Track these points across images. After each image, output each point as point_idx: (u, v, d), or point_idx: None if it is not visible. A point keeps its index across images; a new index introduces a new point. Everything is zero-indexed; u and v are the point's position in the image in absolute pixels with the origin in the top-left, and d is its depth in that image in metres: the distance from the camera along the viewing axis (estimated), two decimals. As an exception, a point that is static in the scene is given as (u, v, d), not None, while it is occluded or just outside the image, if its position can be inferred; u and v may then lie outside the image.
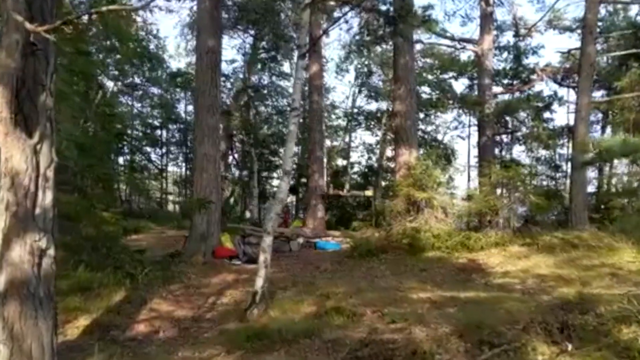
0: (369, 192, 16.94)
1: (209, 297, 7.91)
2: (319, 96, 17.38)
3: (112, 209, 12.82)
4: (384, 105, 23.58)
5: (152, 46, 25.29)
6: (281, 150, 26.74)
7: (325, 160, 18.93)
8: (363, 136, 25.17)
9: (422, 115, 21.90)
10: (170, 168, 30.34)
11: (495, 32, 18.76)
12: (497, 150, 19.17)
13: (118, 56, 23.01)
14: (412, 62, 13.20)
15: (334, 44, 25.65)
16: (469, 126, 22.40)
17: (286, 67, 27.50)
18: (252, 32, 22.14)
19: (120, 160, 28.35)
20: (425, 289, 7.14)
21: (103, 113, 21.63)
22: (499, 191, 11.57)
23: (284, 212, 16.67)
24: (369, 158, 24.39)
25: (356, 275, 8.95)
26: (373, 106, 23.95)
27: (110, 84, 24.82)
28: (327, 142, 27.96)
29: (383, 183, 21.20)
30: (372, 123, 24.00)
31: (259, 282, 6.54)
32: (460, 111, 20.72)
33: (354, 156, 24.79)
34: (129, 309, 7.20)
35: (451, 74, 21.18)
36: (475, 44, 18.37)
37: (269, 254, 6.65)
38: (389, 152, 22.75)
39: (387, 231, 11.38)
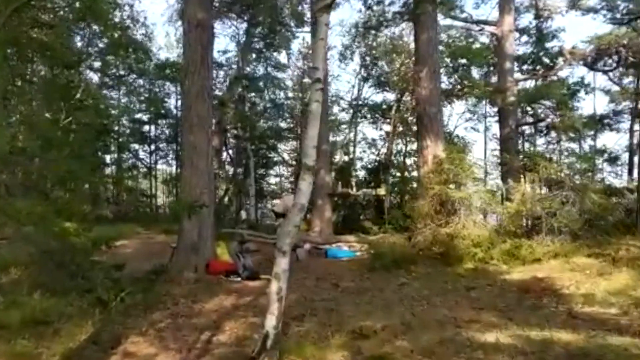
0: (381, 191, 15.15)
1: (203, 331, 6.05)
2: (323, 84, 15.47)
3: (86, 215, 10.95)
4: (389, 96, 21.76)
5: (138, 35, 23.35)
6: (280, 145, 24.92)
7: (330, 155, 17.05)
8: (365, 130, 23.22)
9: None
10: (160, 166, 28.44)
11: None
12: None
13: (101, 45, 21.12)
14: (435, 39, 11.38)
15: (335, 29, 23.59)
16: (485, 117, 20.59)
17: (283, 58, 25.70)
18: (246, 18, 20.18)
19: (107, 158, 26.80)
20: (491, 322, 5.33)
21: (85, 106, 19.79)
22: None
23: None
24: (374, 153, 22.53)
25: (388, 296, 7.12)
26: (379, 97, 22.05)
27: (94, 77, 22.93)
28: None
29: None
30: (377, 115, 22.09)
31: (271, 322, 4.68)
32: (476, 100, 18.86)
33: (356, 152, 22.95)
34: (94, 354, 5.36)
35: (464, 60, 19.39)
36: (494, 25, 16.62)
37: (285, 282, 4.80)
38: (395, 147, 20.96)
39: (414, 237, 9.56)
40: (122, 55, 21.72)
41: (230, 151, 24.35)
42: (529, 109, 16.52)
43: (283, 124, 24.99)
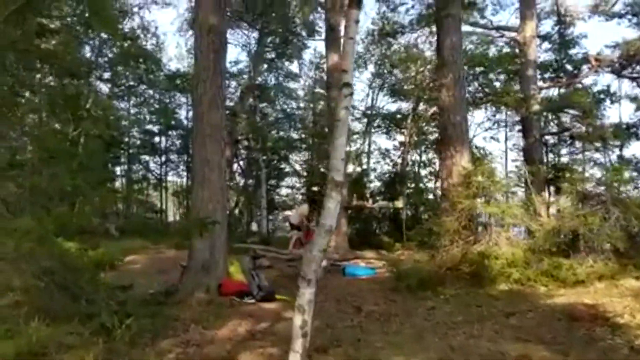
0: (398, 203, 14.52)
1: (216, 364, 5.48)
2: (338, 92, 14.89)
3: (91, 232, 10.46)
4: (404, 105, 21.19)
5: (149, 46, 23.05)
6: (292, 156, 24.37)
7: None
8: (379, 140, 22.58)
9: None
10: (170, 178, 28.06)
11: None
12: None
13: (110, 55, 20.81)
14: (459, 44, 10.79)
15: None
16: (506, 126, 19.87)
17: (294, 67, 25.29)
18: (258, 27, 19.76)
19: (117, 170, 26.51)
20: (544, 358, 4.69)
21: (94, 117, 19.40)
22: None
23: (306, 228, 14.26)
24: (388, 164, 21.88)
25: (417, 322, 6.48)
26: (393, 106, 21.49)
27: (104, 88, 22.59)
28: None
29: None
30: (392, 125, 21.51)
31: (295, 360, 4.08)
32: (495, 109, 18.23)
33: (370, 162, 22.28)
34: (96, 393, 4.79)
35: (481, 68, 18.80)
36: (515, 31, 16.04)
37: (310, 315, 4.20)
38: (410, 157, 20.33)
39: (439, 255, 8.91)
40: (132, 66, 21.40)
41: (241, 162, 23.88)
42: (552, 117, 15.89)
43: (295, 135, 24.53)
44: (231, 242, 11.37)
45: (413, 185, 19.03)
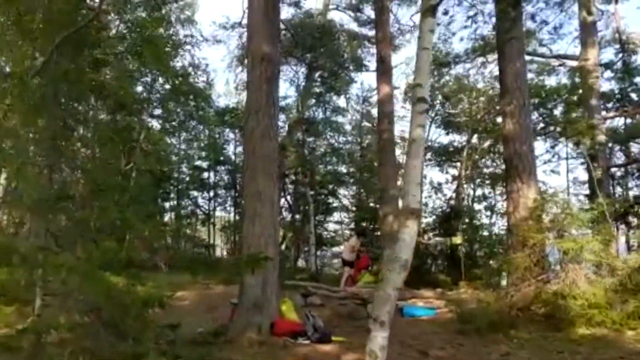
0: (456, 239, 13.77)
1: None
2: (389, 124, 14.50)
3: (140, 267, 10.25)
4: (457, 137, 20.57)
5: (200, 83, 23.43)
6: (340, 191, 23.95)
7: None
8: (430, 174, 21.85)
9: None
10: (218, 213, 28.12)
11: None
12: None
13: (162, 92, 21.20)
14: (523, 69, 10.23)
15: (401, 67, 22.72)
16: (567, 158, 18.85)
17: (342, 102, 25.15)
18: (307, 61, 19.72)
19: (167, 205, 26.77)
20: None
21: (146, 152, 19.66)
22: None
23: (359, 252, 13.72)
24: (440, 198, 21.09)
25: (493, 372, 5.80)
26: (446, 139, 20.85)
27: (155, 123, 23.00)
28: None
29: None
30: (444, 158, 20.84)
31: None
32: (554, 140, 17.33)
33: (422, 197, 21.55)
34: None
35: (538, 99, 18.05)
36: (575, 60, 15.35)
37: (384, 364, 3.65)
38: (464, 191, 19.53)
39: (510, 295, 8.16)
40: (183, 102, 21.72)
41: (289, 197, 23.62)
42: (619, 148, 14.97)
43: (343, 169, 24.17)
44: (280, 278, 10.95)
45: (467, 220, 18.19)
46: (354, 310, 10.66)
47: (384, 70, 14.38)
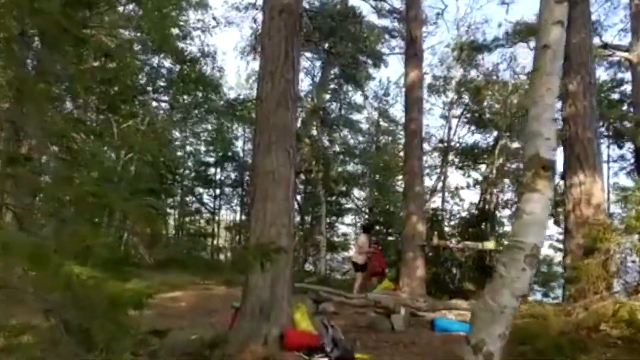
0: (489, 244, 12.18)
1: None
2: (418, 113, 12.97)
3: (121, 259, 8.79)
4: (484, 136, 18.98)
5: (208, 70, 22.04)
6: (355, 192, 22.50)
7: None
8: (455, 174, 20.26)
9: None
10: (223, 212, 26.79)
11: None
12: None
13: (166, 75, 19.83)
14: (590, 43, 8.70)
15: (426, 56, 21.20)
16: (608, 161, 17.21)
17: (358, 98, 23.72)
18: (325, 46, 18.24)
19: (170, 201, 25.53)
20: None
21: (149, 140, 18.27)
22: None
23: (373, 250, 12.25)
24: (461, 200, 19.49)
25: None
26: (473, 138, 19.24)
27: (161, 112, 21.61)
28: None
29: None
30: (468, 159, 19.27)
31: None
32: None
33: (438, 201, 19.90)
34: None
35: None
36: (626, 51, 13.78)
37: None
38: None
39: (576, 312, 6.58)
40: (190, 89, 20.36)
41: (298, 197, 22.14)
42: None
43: (358, 168, 22.68)
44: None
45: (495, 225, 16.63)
46: (374, 320, 9.13)
47: (414, 52, 12.88)
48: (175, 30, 19.03)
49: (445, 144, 18.70)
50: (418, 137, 12.97)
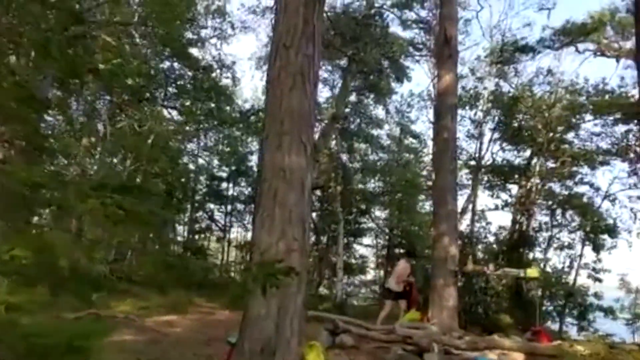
0: (533, 272, 10.51)
1: None
2: (452, 121, 11.49)
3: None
4: (508, 155, 17.44)
5: (224, 79, 20.90)
6: (376, 211, 20.96)
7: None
8: (485, 195, 18.55)
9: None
10: (235, 230, 25.42)
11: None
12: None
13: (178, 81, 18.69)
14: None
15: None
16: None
17: (380, 114, 22.26)
18: (348, 53, 16.87)
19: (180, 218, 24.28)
20: None
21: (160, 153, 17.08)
22: None
23: (407, 282, 10.83)
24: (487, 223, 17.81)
25: None
26: (506, 156, 17.63)
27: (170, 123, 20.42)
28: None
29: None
30: (499, 178, 17.68)
31: None
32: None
33: (464, 223, 18.21)
34: None
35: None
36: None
37: None
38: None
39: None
40: (203, 99, 19.20)
41: (314, 214, 20.63)
42: None
43: (379, 186, 21.16)
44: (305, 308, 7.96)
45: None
46: (402, 358, 7.64)
47: (449, 54, 11.47)
48: (188, 34, 18.03)
49: (475, 161, 17.11)
50: (451, 149, 11.47)
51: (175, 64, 18.55)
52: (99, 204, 4.33)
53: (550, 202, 16.17)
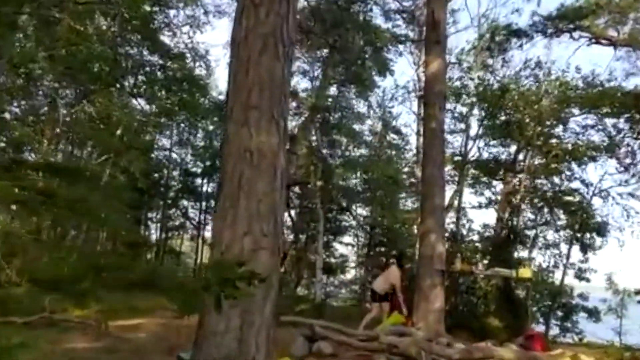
0: (525, 272, 9.77)
1: None
2: (440, 111, 10.66)
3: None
4: (494, 150, 16.82)
5: (196, 71, 19.81)
6: (357, 208, 20.16)
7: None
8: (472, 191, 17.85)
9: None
10: (209, 227, 24.42)
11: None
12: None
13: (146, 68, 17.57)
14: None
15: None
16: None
17: (361, 108, 21.39)
18: (329, 40, 15.93)
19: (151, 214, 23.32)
20: None
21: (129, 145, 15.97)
22: None
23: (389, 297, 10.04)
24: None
25: None
26: (492, 151, 16.96)
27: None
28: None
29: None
30: (483, 175, 17.00)
31: None
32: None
33: (448, 220, 17.40)
34: None
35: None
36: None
37: None
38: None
39: None
40: (175, 89, 18.11)
41: (292, 211, 19.69)
42: None
43: (360, 182, 20.34)
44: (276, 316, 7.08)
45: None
46: (395, 370, 6.85)
47: (437, 39, 10.66)
48: (159, 17, 16.94)
49: (461, 156, 16.38)
50: (439, 139, 10.66)
51: (145, 51, 17.43)
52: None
53: (536, 200, 15.55)
